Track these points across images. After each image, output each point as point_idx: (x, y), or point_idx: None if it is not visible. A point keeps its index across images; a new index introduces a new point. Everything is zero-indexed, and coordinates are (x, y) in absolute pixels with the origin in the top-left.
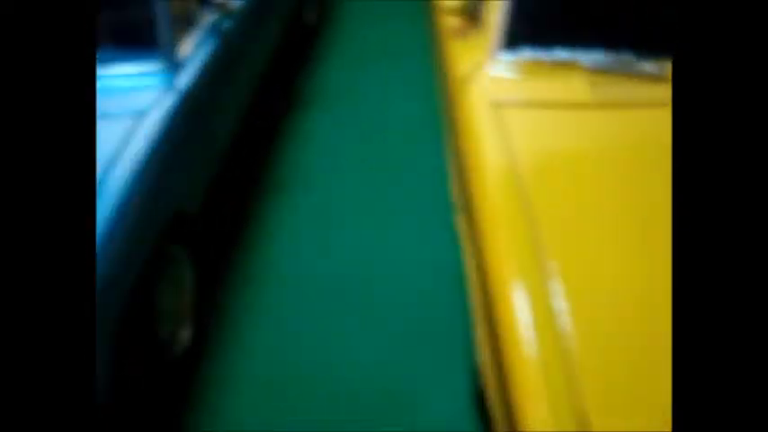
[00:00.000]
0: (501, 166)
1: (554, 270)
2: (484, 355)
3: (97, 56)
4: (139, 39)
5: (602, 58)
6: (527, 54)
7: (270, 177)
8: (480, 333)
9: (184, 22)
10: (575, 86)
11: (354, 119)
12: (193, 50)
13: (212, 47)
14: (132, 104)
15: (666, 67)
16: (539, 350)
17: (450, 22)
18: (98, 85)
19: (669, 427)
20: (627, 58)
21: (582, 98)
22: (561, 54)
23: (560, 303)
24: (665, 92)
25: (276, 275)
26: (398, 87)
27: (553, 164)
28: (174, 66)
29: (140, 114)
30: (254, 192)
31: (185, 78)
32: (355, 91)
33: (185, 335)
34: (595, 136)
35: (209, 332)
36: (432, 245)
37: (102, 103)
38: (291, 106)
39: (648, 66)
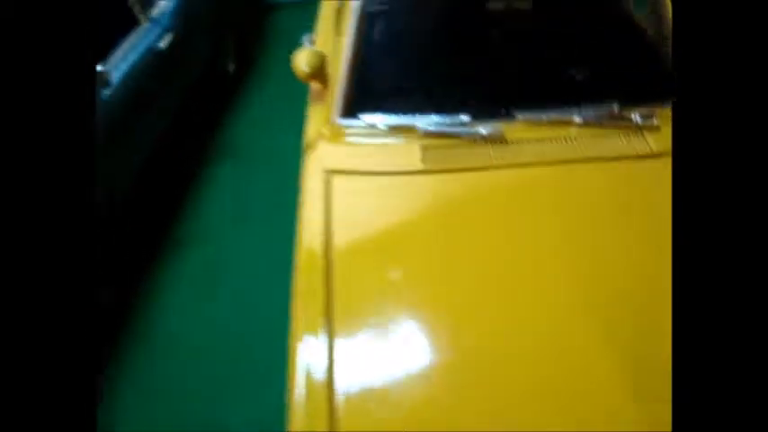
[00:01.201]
0: (316, 232)
1: (337, 330)
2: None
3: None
4: None
5: (435, 121)
6: (363, 120)
7: (171, 229)
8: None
9: None
10: (407, 151)
11: (260, 171)
12: None
13: None
14: None
15: (500, 128)
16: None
17: (312, 85)
18: None
19: None
20: (459, 120)
21: (413, 164)
22: (397, 119)
23: (338, 356)
24: (496, 153)
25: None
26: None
27: (364, 228)
28: None
29: None
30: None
31: None
32: (264, 144)
33: None
34: (418, 198)
35: None
36: None
37: None
38: (199, 156)
39: (483, 127)
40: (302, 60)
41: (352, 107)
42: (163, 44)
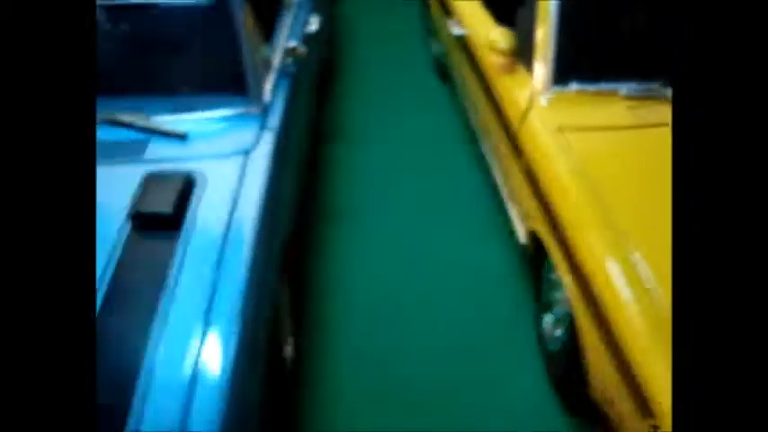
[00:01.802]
0: (576, 177)
1: (635, 248)
2: (582, 324)
3: (193, 101)
4: (229, 85)
5: (635, 87)
6: (574, 87)
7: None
8: (577, 306)
9: (263, 67)
10: (615, 111)
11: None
12: (272, 93)
13: (286, 88)
14: (238, 144)
15: None
16: (637, 302)
17: (495, 60)
18: (199, 128)
19: None
20: (656, 86)
21: (622, 121)
22: (602, 86)
23: (643, 269)
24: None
25: (345, 288)
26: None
27: (615, 171)
28: (263, 108)
29: (247, 152)
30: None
31: (273, 119)
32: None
33: (290, 348)
34: (638, 150)
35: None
36: (479, 250)
37: (211, 145)
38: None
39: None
40: (501, 39)
41: (562, 76)
42: (313, 27)
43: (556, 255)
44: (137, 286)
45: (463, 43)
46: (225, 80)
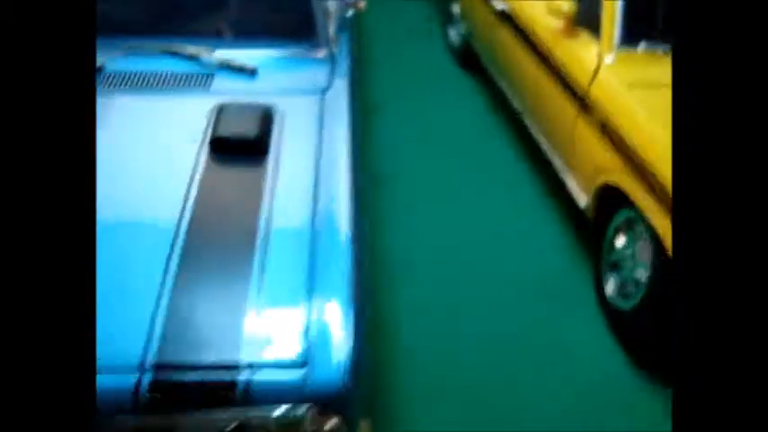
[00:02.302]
0: (660, 124)
1: None
2: None
3: (261, 41)
4: (298, 28)
5: None
6: (641, 47)
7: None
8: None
9: (328, 16)
10: None
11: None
12: (336, 42)
13: (347, 40)
14: (312, 84)
15: None
16: None
17: (553, 26)
18: (268, 66)
19: None
20: None
21: None
22: (666, 46)
23: None
24: None
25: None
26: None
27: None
28: (331, 54)
29: (323, 92)
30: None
31: (342, 66)
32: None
33: None
34: None
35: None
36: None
37: (283, 82)
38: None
39: None
40: (563, 4)
41: (628, 35)
42: None
43: (641, 198)
44: (226, 213)
45: (507, 18)
46: (294, 24)
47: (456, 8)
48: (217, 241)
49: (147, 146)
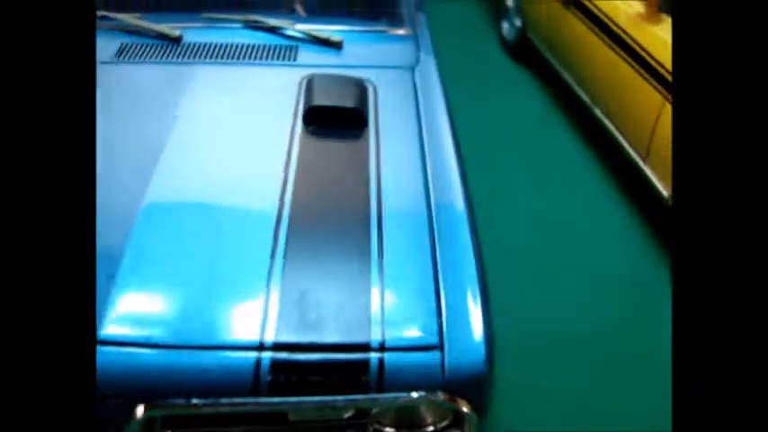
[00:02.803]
0: None
1: None
2: None
3: (343, 18)
4: (382, 10)
5: None
6: None
7: None
8: None
9: None
10: None
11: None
12: (417, 20)
13: (424, 17)
14: (400, 60)
15: None
16: None
17: (635, 8)
18: (353, 40)
19: None
20: None
21: None
22: None
23: None
24: None
25: None
26: None
27: None
28: (414, 32)
29: (413, 68)
30: None
31: (426, 44)
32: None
33: None
34: None
35: None
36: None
37: (371, 57)
38: None
39: None
40: None
41: None
42: None
43: None
44: (331, 186)
45: (578, 5)
46: (377, 1)
47: (510, 1)
48: (325, 220)
49: (237, 115)
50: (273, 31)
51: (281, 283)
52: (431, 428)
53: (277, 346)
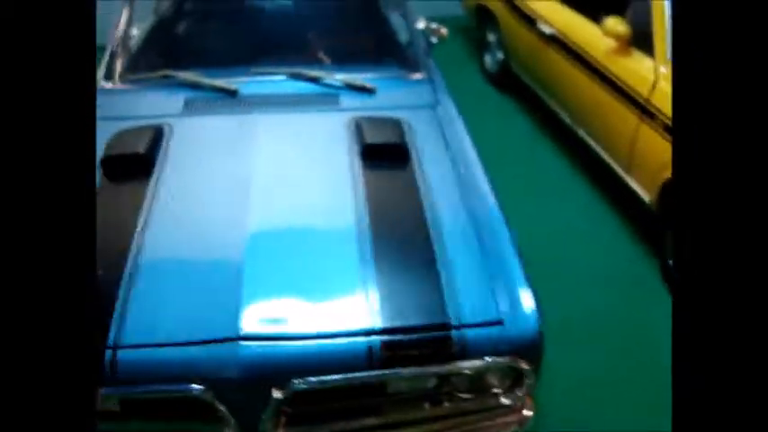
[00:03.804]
0: None
1: None
2: None
3: (378, 68)
4: (400, 55)
5: None
6: None
7: None
8: None
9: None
10: None
11: None
12: (427, 64)
13: (432, 61)
14: (422, 100)
15: None
16: None
17: (608, 46)
18: (381, 86)
19: None
20: None
21: None
22: None
23: None
24: None
25: None
26: None
27: None
28: (429, 75)
29: (433, 107)
30: None
31: (440, 84)
32: None
33: None
34: None
35: None
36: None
37: (398, 99)
38: None
39: None
40: (618, 26)
41: None
42: None
43: None
44: (394, 207)
45: (556, 41)
46: (397, 51)
47: (491, 37)
48: (396, 232)
49: (304, 155)
50: (315, 80)
51: (376, 282)
52: (496, 391)
53: (383, 331)
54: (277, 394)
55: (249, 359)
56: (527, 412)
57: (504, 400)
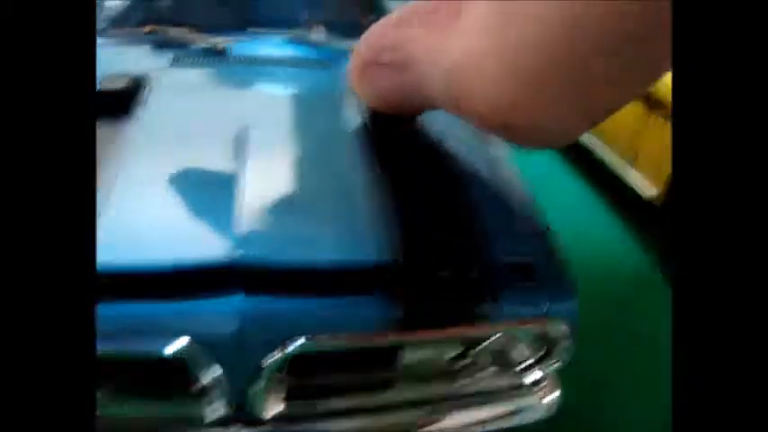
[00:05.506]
0: None
1: None
2: None
3: None
4: None
5: None
6: None
7: None
8: None
9: None
10: None
11: None
12: None
13: None
14: None
15: None
16: None
17: None
18: None
19: None
20: None
21: None
22: None
23: None
24: None
25: None
26: None
27: None
28: None
29: None
30: None
31: None
32: None
33: None
34: None
35: None
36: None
37: None
38: None
39: None
40: None
41: None
42: None
43: None
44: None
45: None
46: None
47: None
48: (407, 170)
49: (305, 105)
50: (310, 44)
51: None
52: (529, 362)
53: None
54: (278, 353)
55: (248, 314)
56: (554, 393)
57: (534, 375)
